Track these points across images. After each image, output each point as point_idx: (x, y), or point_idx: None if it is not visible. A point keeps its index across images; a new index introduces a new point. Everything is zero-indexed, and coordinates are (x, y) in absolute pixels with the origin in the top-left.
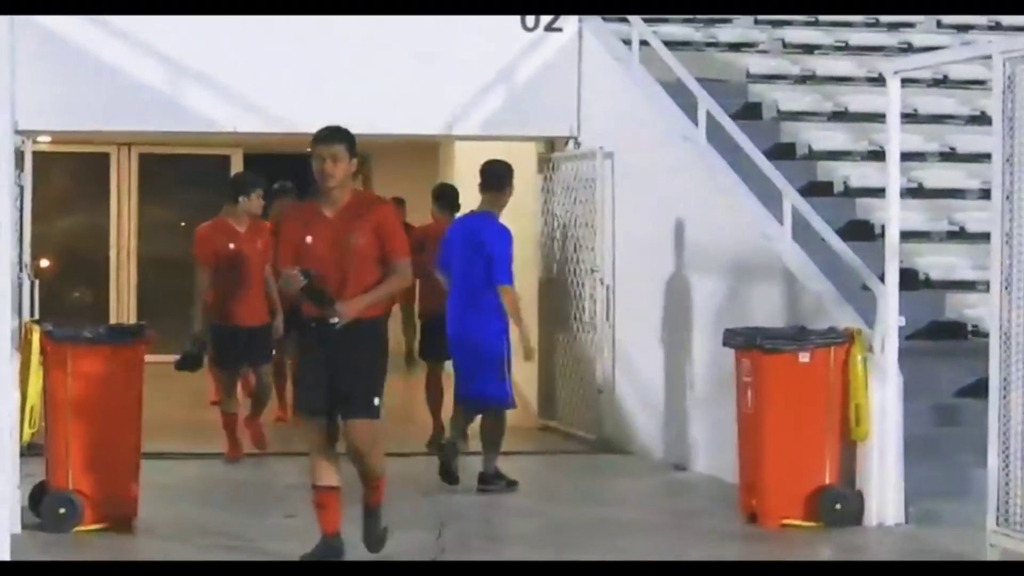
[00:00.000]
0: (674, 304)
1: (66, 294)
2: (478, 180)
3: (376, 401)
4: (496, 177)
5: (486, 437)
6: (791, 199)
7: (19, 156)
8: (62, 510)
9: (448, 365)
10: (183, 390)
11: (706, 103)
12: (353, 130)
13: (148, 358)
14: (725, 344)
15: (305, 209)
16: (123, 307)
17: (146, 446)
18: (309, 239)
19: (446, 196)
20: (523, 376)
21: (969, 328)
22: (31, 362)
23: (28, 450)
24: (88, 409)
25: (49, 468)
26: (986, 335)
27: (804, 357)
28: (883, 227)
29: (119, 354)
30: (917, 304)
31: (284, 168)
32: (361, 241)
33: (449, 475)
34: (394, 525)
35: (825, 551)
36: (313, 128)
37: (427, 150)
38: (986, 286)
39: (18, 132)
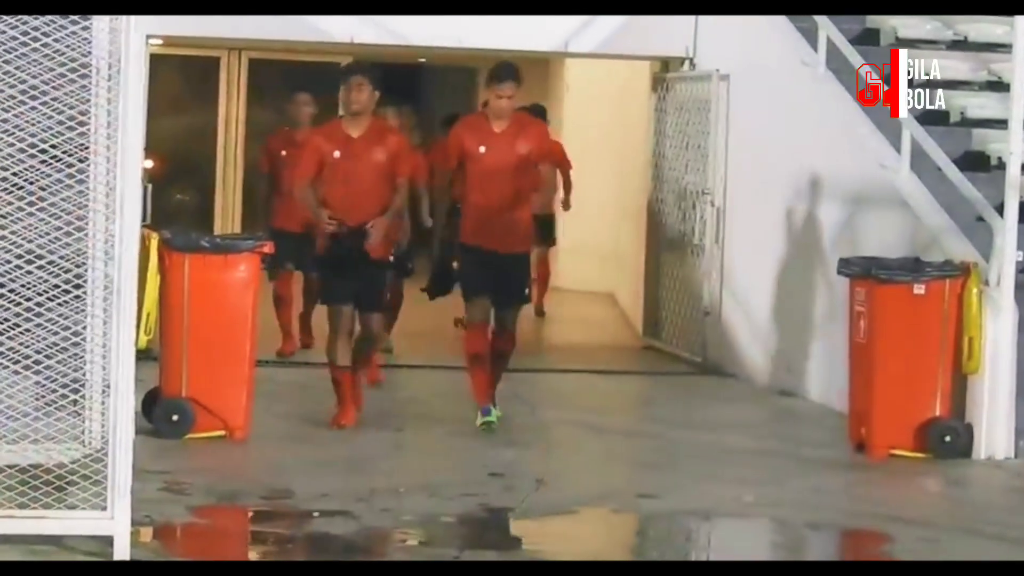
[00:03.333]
0: (785, 230)
1: (170, 196)
2: None
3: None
4: None
5: None
6: (910, 129)
7: None
8: (175, 417)
9: None
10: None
11: (826, 28)
12: (466, 44)
13: None
14: (839, 273)
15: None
16: (228, 213)
17: (258, 353)
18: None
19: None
20: (628, 296)
21: None
22: (149, 269)
23: (142, 356)
24: (204, 317)
25: (163, 375)
26: None
27: (919, 289)
28: (999, 159)
29: (236, 263)
30: None
31: (392, 78)
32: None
33: None
34: (503, 443)
35: (932, 483)
36: (427, 41)
37: (534, 66)
38: None
39: None
